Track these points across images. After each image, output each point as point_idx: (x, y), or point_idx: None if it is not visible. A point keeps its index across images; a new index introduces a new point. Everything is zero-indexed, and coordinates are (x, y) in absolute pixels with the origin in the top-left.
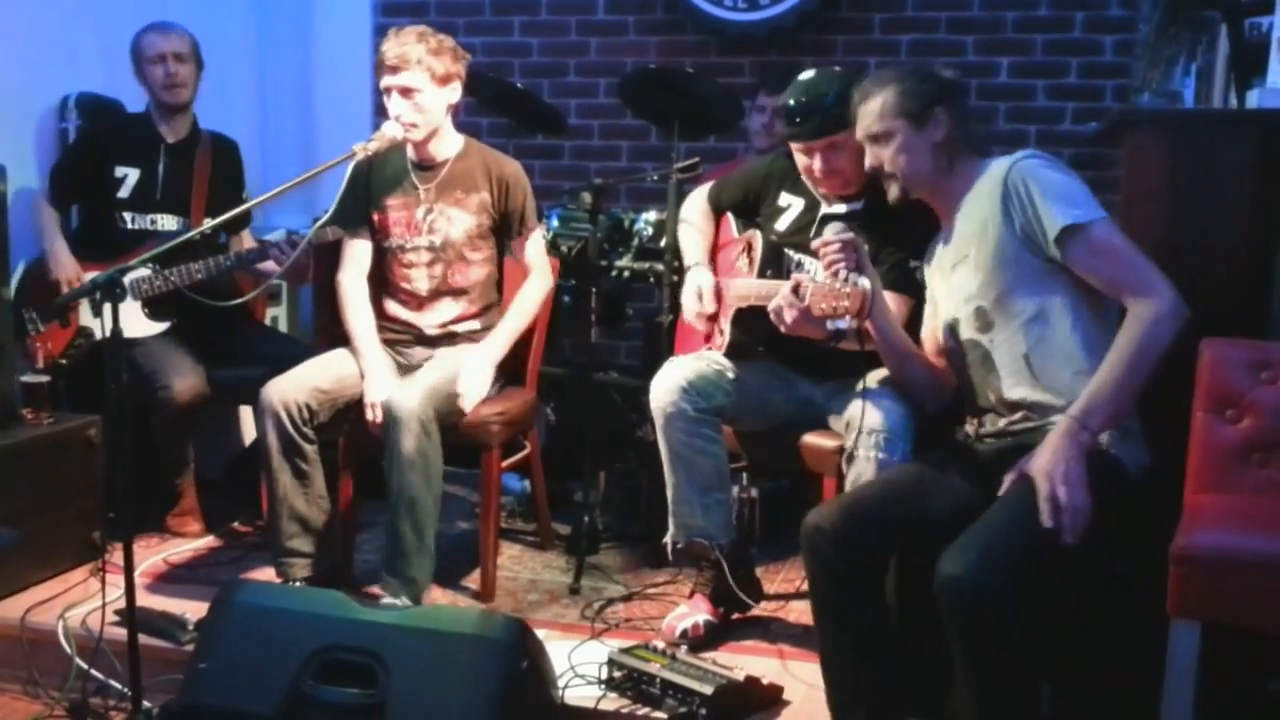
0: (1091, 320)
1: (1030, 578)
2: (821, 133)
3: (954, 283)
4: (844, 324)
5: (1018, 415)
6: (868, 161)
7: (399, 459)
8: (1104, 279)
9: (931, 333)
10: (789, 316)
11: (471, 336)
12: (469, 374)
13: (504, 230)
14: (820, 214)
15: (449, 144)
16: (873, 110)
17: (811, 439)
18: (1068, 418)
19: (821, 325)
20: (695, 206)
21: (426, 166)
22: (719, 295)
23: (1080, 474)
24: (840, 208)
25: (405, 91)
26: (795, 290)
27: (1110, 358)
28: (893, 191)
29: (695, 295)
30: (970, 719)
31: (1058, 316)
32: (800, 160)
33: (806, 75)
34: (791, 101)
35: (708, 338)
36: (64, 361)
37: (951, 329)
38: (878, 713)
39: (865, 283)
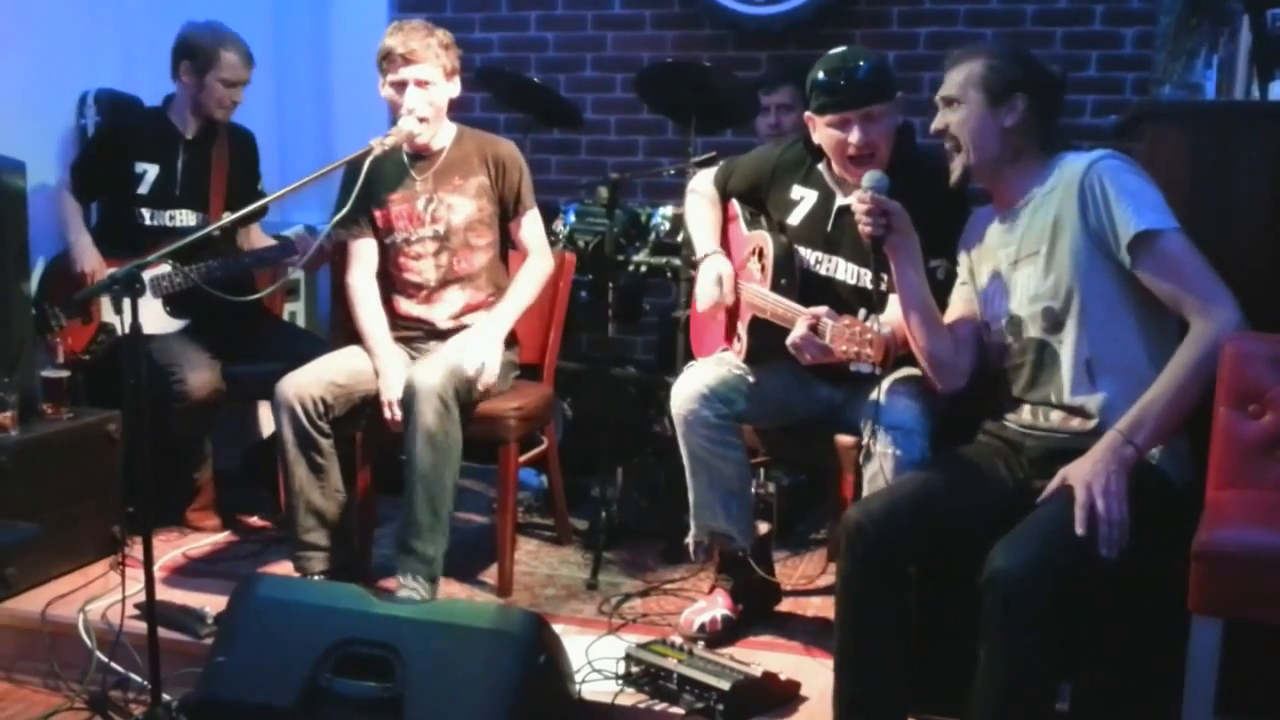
0: (1155, 331)
1: (1078, 584)
2: (859, 102)
3: (1016, 279)
4: (866, 369)
5: (1076, 421)
6: (935, 123)
7: (418, 434)
8: (1168, 291)
9: (965, 312)
10: (808, 357)
11: None
12: (475, 354)
13: (504, 213)
14: (836, 205)
15: (444, 134)
16: (955, 76)
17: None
18: (1114, 431)
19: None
20: (702, 191)
21: (422, 157)
22: (736, 291)
23: (1120, 488)
24: (855, 199)
25: (421, 84)
26: (814, 328)
27: (1166, 375)
28: (955, 167)
29: (715, 282)
30: (990, 716)
31: (1125, 323)
32: (831, 138)
33: (835, 50)
34: (822, 74)
35: (728, 338)
36: (86, 357)
37: (1011, 326)
38: (882, 717)
39: (887, 330)
